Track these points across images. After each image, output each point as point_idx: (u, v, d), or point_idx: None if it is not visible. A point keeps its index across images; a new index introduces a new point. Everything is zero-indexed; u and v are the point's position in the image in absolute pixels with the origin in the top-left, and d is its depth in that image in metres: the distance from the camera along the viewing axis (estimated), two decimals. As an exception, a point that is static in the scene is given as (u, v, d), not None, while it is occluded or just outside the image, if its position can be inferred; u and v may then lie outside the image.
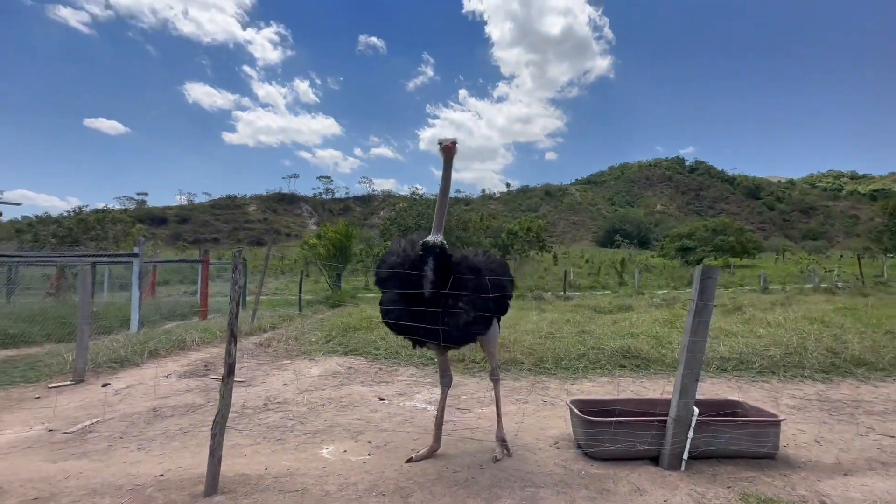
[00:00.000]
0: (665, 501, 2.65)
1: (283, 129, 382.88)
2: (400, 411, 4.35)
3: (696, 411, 3.10)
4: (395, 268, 3.00)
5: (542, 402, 4.62)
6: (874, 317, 8.67)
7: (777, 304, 11.45)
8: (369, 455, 3.30)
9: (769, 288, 19.09)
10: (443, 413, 3.36)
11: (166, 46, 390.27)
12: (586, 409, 3.40)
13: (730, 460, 3.14)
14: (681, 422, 3.04)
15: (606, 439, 3.12)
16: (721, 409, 3.50)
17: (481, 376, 5.55)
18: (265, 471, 3.00)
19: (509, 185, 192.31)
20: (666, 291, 18.43)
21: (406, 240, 3.23)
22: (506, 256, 44.31)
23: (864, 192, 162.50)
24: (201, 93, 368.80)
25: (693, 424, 3.06)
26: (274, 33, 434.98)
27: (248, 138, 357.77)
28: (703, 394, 4.52)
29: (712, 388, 5.02)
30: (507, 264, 3.48)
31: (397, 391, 5.03)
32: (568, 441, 3.53)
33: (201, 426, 3.89)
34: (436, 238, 2.85)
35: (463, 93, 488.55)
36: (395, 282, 2.99)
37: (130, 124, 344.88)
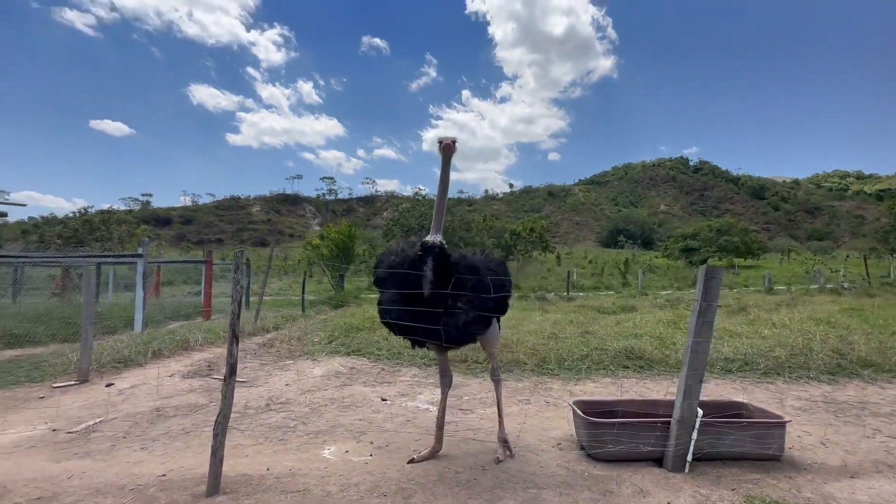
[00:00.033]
0: (668, 503, 2.63)
1: (287, 131, 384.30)
2: (402, 412, 4.34)
3: (700, 412, 3.08)
4: (393, 268, 2.99)
5: (544, 402, 4.60)
6: (881, 318, 8.59)
7: (782, 304, 11.38)
8: (371, 456, 3.30)
9: (774, 288, 18.96)
10: (444, 413, 3.36)
11: (171, 48, 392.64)
12: (589, 410, 3.38)
13: (734, 462, 3.12)
14: (685, 423, 3.02)
15: (610, 440, 3.10)
16: (725, 410, 3.47)
17: (484, 377, 5.53)
18: (267, 471, 3.00)
19: (512, 186, 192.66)
20: (670, 292, 18.36)
21: (405, 240, 3.23)
22: (509, 257, 44.25)
23: (870, 192, 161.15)
24: (205, 94, 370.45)
25: (697, 426, 3.04)
26: (277, 35, 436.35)
27: (252, 139, 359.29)
28: (708, 395, 4.48)
29: (717, 390, 4.99)
30: (506, 263, 3.46)
31: (399, 392, 5.03)
32: (571, 442, 3.51)
33: (204, 426, 3.89)
34: (435, 238, 2.84)
35: (466, 93, 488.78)
36: (394, 282, 2.99)
37: (135, 126, 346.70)
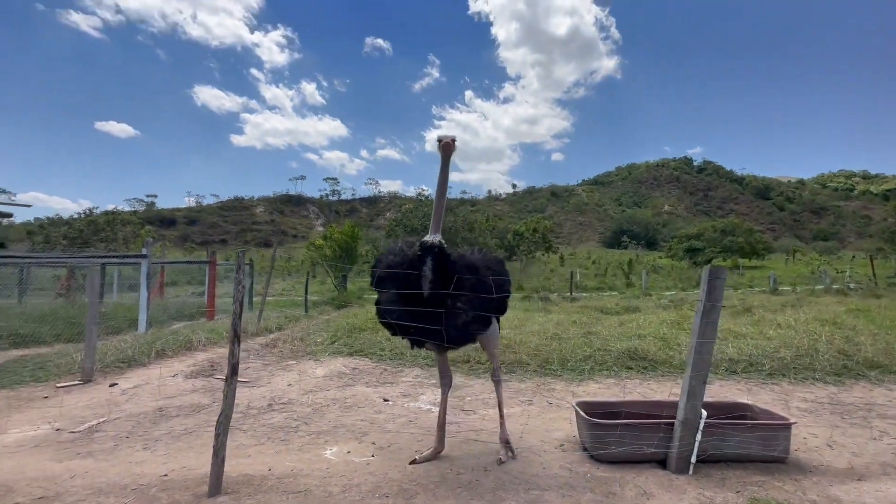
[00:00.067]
0: (672, 506, 2.61)
1: (291, 131, 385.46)
2: (404, 412, 4.33)
3: (705, 414, 3.05)
4: (392, 268, 2.98)
5: (547, 403, 4.58)
6: (887, 318, 8.49)
7: (787, 305, 11.29)
8: (373, 456, 3.29)
9: (779, 289, 18.84)
10: (445, 414, 3.34)
11: (175, 50, 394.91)
12: (592, 411, 3.36)
13: (739, 464, 3.09)
14: (689, 424, 3.00)
15: (613, 442, 3.08)
16: (730, 411, 3.44)
17: (486, 377, 5.51)
18: (269, 471, 3.00)
19: (515, 186, 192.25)
20: (674, 293, 18.28)
21: (403, 240, 3.22)
22: (512, 257, 44.20)
23: (876, 192, 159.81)
24: (209, 96, 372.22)
25: (701, 427, 3.01)
26: (281, 36, 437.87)
27: (256, 140, 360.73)
28: (712, 396, 4.45)
29: (721, 391, 4.95)
30: (504, 261, 3.44)
31: (402, 392, 5.02)
32: (574, 443, 3.49)
33: (206, 426, 3.90)
34: (434, 238, 2.83)
35: (469, 94, 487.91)
36: (393, 282, 2.97)
37: (140, 127, 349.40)
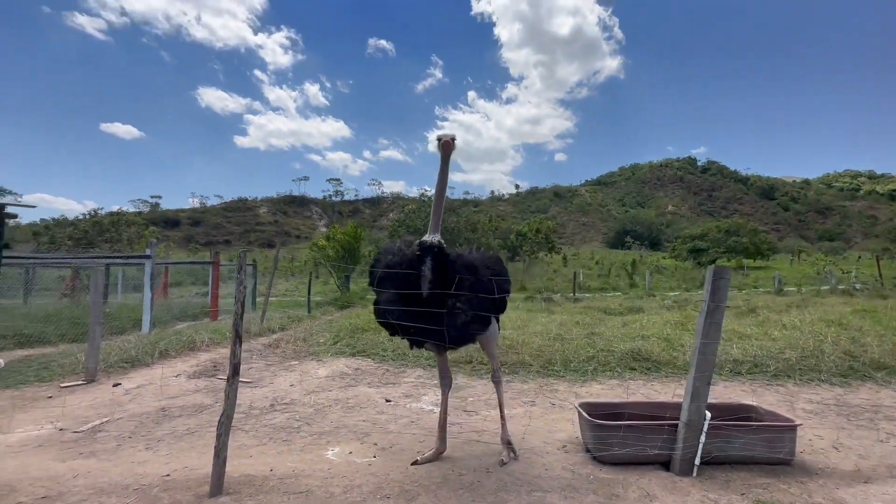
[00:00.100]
0: (676, 508, 2.58)
1: (294, 133, 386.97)
2: (406, 413, 4.32)
3: (709, 415, 3.03)
4: (391, 268, 2.96)
5: (550, 404, 4.56)
6: (894, 319, 8.43)
7: (792, 306, 11.21)
8: (375, 457, 3.28)
9: (784, 290, 18.71)
10: (446, 415, 3.33)
11: (180, 52, 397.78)
12: (595, 412, 3.34)
13: (744, 466, 3.06)
14: (692, 426, 2.97)
15: (616, 443, 3.06)
16: (734, 413, 3.42)
17: (488, 378, 5.48)
18: (270, 472, 3.00)
19: (518, 187, 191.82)
20: (677, 293, 18.19)
21: (402, 240, 3.20)
22: (515, 258, 44.11)
23: (882, 192, 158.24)
24: (213, 97, 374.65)
25: (705, 429, 2.99)
26: (284, 38, 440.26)
27: (260, 142, 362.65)
28: (716, 397, 4.42)
29: (725, 392, 4.91)
30: (502, 259, 3.41)
31: (404, 393, 5.01)
32: (576, 445, 3.47)
33: (209, 426, 3.90)
34: (433, 237, 2.81)
35: (472, 94, 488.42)
36: (392, 282, 2.95)
37: (145, 129, 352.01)
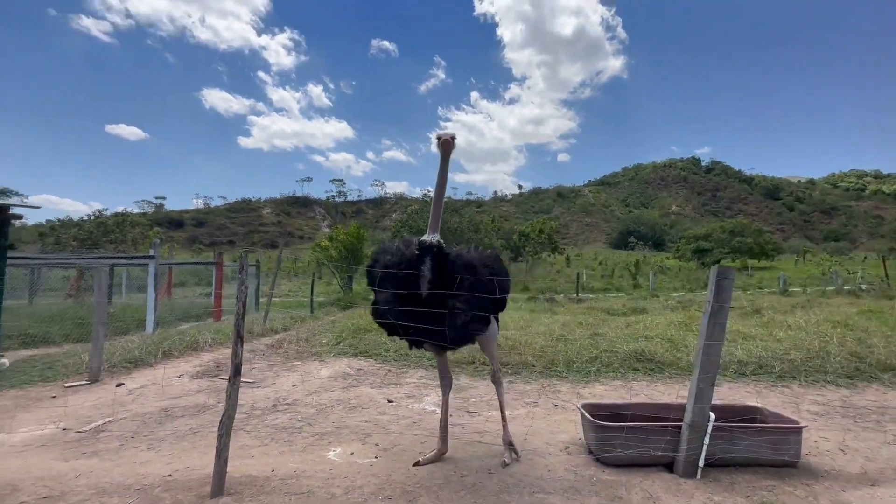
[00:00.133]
0: (680, 510, 2.56)
1: (297, 133, 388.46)
2: (408, 414, 4.31)
3: (713, 417, 3.00)
4: (390, 267, 2.94)
5: (552, 405, 4.54)
6: (901, 320, 8.35)
7: (797, 306, 11.14)
8: (376, 458, 3.27)
9: (789, 290, 18.60)
10: (447, 415, 3.31)
11: (184, 53, 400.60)
12: (598, 413, 3.32)
13: (748, 468, 3.03)
14: (696, 427, 2.95)
15: (619, 445, 3.03)
16: (739, 414, 3.39)
17: (489, 379, 5.48)
18: (272, 472, 2.99)
19: (521, 187, 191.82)
20: (681, 294, 18.11)
21: (401, 239, 3.18)
22: (518, 258, 44.03)
23: (888, 192, 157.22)
24: (217, 98, 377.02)
25: (709, 430, 2.96)
26: (288, 39, 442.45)
27: (263, 142, 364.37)
28: (721, 399, 4.39)
29: (730, 393, 4.88)
30: (501, 258, 3.36)
31: (406, 393, 5.00)
32: (579, 446, 3.45)
33: (211, 426, 3.90)
34: (432, 237, 2.79)
35: (475, 95, 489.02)
36: (391, 282, 2.93)
37: (149, 130, 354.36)
